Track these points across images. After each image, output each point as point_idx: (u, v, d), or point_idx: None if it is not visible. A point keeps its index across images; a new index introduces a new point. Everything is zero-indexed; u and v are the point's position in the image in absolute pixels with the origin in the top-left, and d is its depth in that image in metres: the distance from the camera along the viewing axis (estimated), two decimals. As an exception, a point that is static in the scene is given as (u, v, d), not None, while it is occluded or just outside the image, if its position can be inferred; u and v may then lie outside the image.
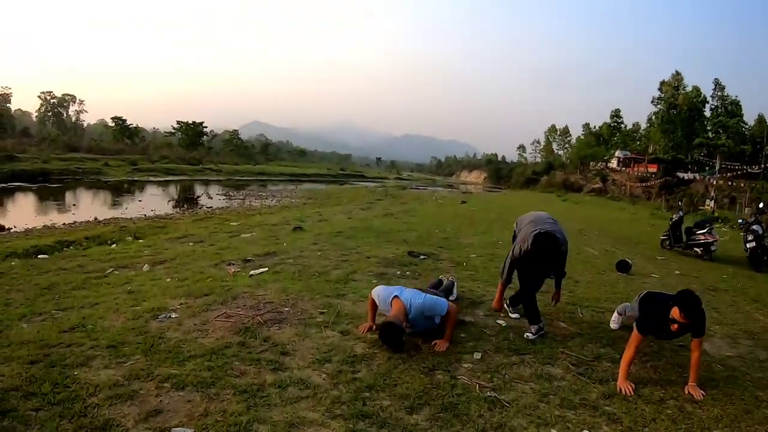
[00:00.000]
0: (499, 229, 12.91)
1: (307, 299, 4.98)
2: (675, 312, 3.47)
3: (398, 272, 6.61)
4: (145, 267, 6.57)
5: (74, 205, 23.61)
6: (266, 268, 6.27)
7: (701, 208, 37.91)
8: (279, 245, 8.37)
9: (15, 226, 15.25)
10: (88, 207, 22.76)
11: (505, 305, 5.05)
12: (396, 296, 4.09)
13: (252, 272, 6.07)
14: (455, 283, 5.59)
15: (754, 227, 11.47)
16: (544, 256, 4.35)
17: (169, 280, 5.78)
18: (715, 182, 38.70)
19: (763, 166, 43.59)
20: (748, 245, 11.46)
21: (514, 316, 4.93)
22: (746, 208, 36.53)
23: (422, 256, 7.82)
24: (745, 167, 40.78)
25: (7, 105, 79.73)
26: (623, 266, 8.33)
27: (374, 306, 4.27)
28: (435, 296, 4.25)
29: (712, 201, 37.18)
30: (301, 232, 10.19)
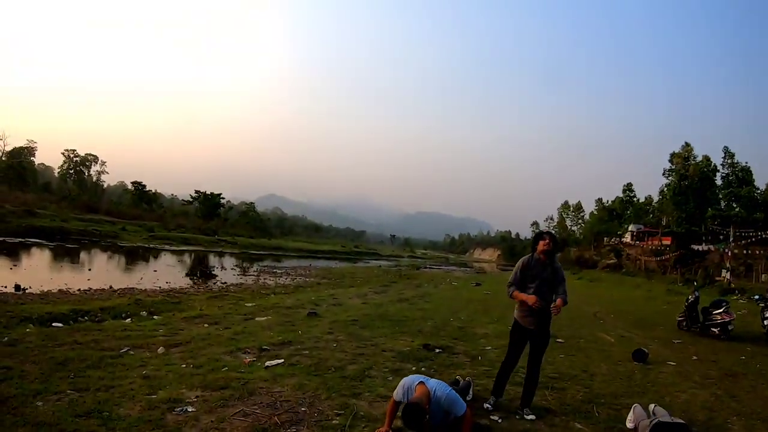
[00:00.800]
0: (513, 315, 12.79)
1: (324, 398, 4.90)
2: None
3: (414, 368, 6.50)
4: (161, 349, 6.56)
5: (90, 269, 23.90)
6: (282, 360, 6.23)
7: (717, 279, 37.38)
8: (294, 333, 8.35)
9: (30, 287, 15.44)
10: (103, 272, 23.03)
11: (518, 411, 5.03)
12: (422, 381, 4.12)
13: (267, 363, 6.02)
14: (471, 384, 5.52)
15: None
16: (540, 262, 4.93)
17: (184, 366, 5.76)
18: (730, 253, 38.37)
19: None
20: (766, 322, 11.46)
21: (529, 417, 4.81)
22: (762, 275, 35.97)
23: (438, 350, 7.73)
24: (759, 233, 40.39)
25: (31, 158, 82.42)
26: (640, 356, 8.18)
27: (393, 410, 4.21)
28: (457, 395, 4.22)
29: (728, 272, 36.79)
30: (317, 319, 10.15)
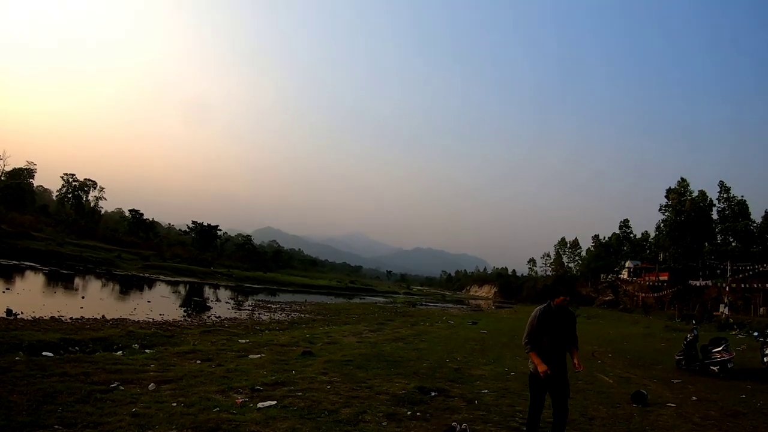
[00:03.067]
0: (511, 356, 12.68)
1: (316, 444, 4.80)
2: None
3: (409, 412, 6.36)
4: (151, 386, 6.44)
5: (83, 297, 23.70)
6: (275, 401, 6.10)
7: (715, 314, 37.18)
8: (288, 372, 8.21)
9: (22, 312, 15.29)
10: (96, 301, 22.86)
11: None
12: None
13: (260, 404, 5.91)
14: (467, 433, 5.42)
15: None
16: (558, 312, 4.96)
17: (174, 404, 5.64)
18: (727, 287, 38.27)
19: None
20: (765, 359, 11.46)
21: None
22: (761, 308, 35.72)
23: (433, 393, 7.59)
24: (757, 267, 40.26)
25: (30, 180, 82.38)
26: (639, 398, 8.09)
27: None
28: None
29: (726, 307, 36.61)
30: (311, 358, 9.99)
